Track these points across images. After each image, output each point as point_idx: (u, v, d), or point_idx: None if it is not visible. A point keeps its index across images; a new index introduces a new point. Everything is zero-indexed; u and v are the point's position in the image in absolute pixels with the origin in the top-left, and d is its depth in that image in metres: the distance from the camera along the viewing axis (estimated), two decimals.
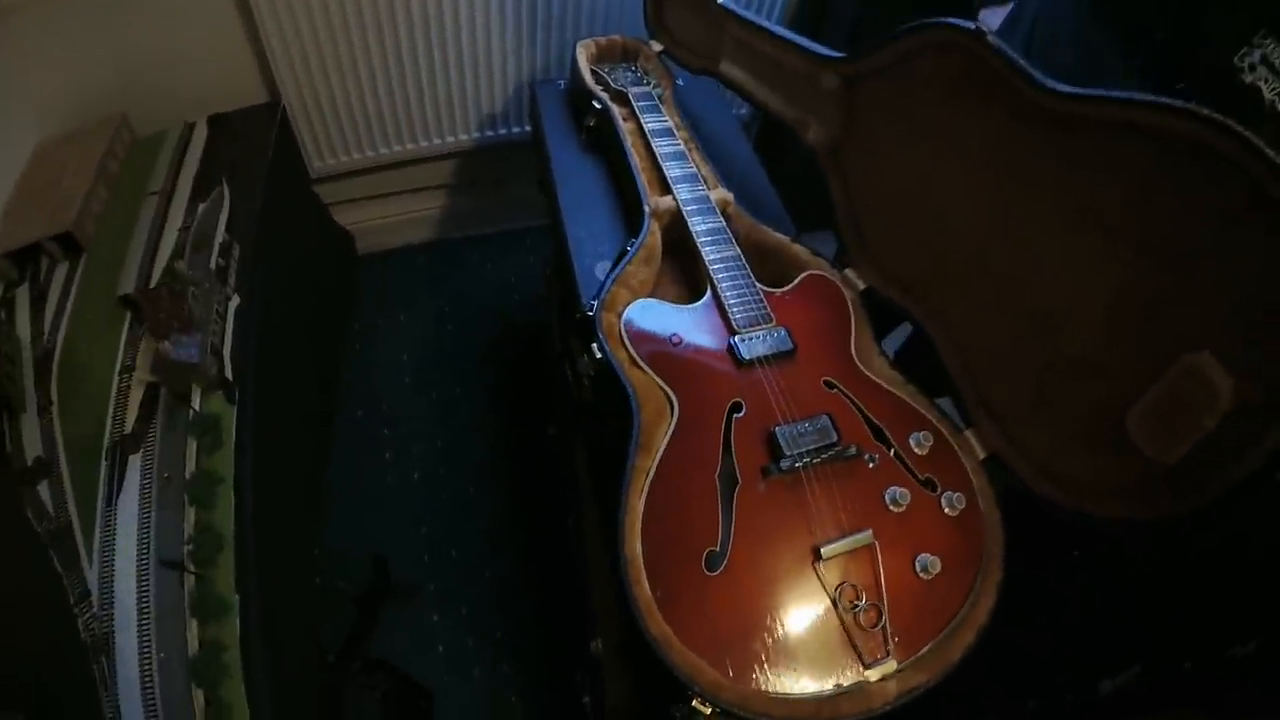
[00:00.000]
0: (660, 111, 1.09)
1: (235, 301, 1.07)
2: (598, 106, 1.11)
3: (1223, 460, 0.62)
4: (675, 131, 1.06)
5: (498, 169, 1.74)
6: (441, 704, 1.29)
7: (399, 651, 1.32)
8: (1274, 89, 0.71)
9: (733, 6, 1.06)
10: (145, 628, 0.82)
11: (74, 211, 1.15)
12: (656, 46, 1.24)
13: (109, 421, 0.97)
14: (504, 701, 1.31)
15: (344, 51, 1.38)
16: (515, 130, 1.61)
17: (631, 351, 0.82)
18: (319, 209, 1.61)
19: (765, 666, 0.67)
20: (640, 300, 0.86)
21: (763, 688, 0.67)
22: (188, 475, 0.90)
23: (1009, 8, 1.04)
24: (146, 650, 0.81)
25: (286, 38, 1.33)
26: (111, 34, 1.27)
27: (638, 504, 0.73)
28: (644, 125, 1.06)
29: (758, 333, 0.84)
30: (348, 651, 1.29)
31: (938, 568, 0.73)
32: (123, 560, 0.86)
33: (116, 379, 1.00)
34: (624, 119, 1.09)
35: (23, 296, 1.12)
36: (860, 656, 0.69)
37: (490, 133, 1.61)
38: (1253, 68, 0.72)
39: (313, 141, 1.51)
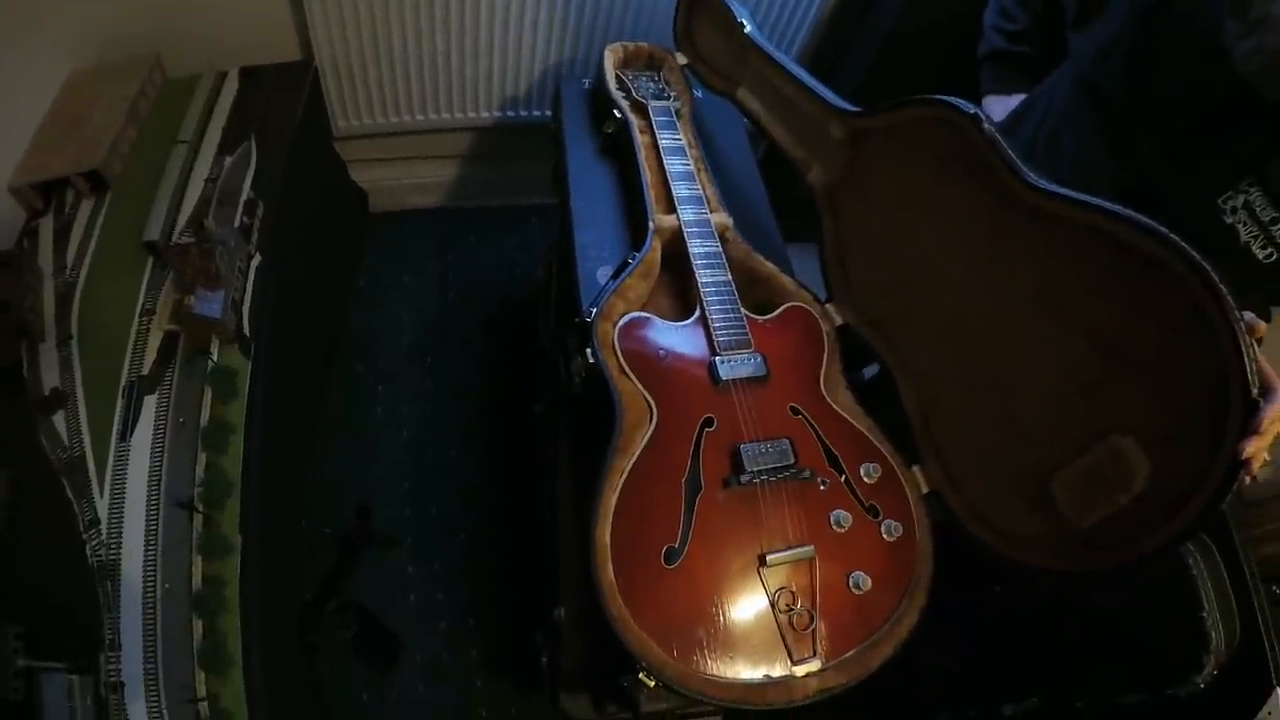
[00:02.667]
0: (676, 129, 1.15)
1: (257, 259, 1.13)
2: (618, 116, 1.17)
3: (1129, 535, 0.71)
4: (687, 150, 1.12)
5: (513, 147, 1.79)
6: (408, 649, 1.39)
7: (372, 597, 1.41)
8: (1250, 232, 0.77)
9: (759, 39, 1.11)
10: (151, 559, 0.90)
11: (103, 150, 1.18)
12: (682, 59, 1.29)
13: (127, 361, 1.02)
14: (466, 653, 1.41)
15: (380, 18, 1.42)
16: (535, 113, 1.66)
17: (621, 360, 0.89)
18: (338, 166, 1.65)
19: (706, 651, 0.77)
20: (634, 313, 0.93)
21: (701, 670, 0.76)
22: (202, 422, 0.97)
23: (1013, 99, 1.09)
24: (151, 579, 0.89)
25: None
26: None
27: (611, 498, 0.82)
28: (659, 141, 1.12)
29: (737, 356, 0.92)
30: (325, 591, 1.37)
31: (869, 585, 0.83)
32: (134, 494, 0.93)
33: (136, 321, 1.05)
34: (640, 131, 1.15)
35: (46, 228, 1.15)
36: (790, 653, 0.79)
37: (511, 113, 1.66)
38: (1234, 210, 0.78)
39: (340, 102, 1.55)
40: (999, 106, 1.10)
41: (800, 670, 0.78)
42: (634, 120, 1.16)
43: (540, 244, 1.92)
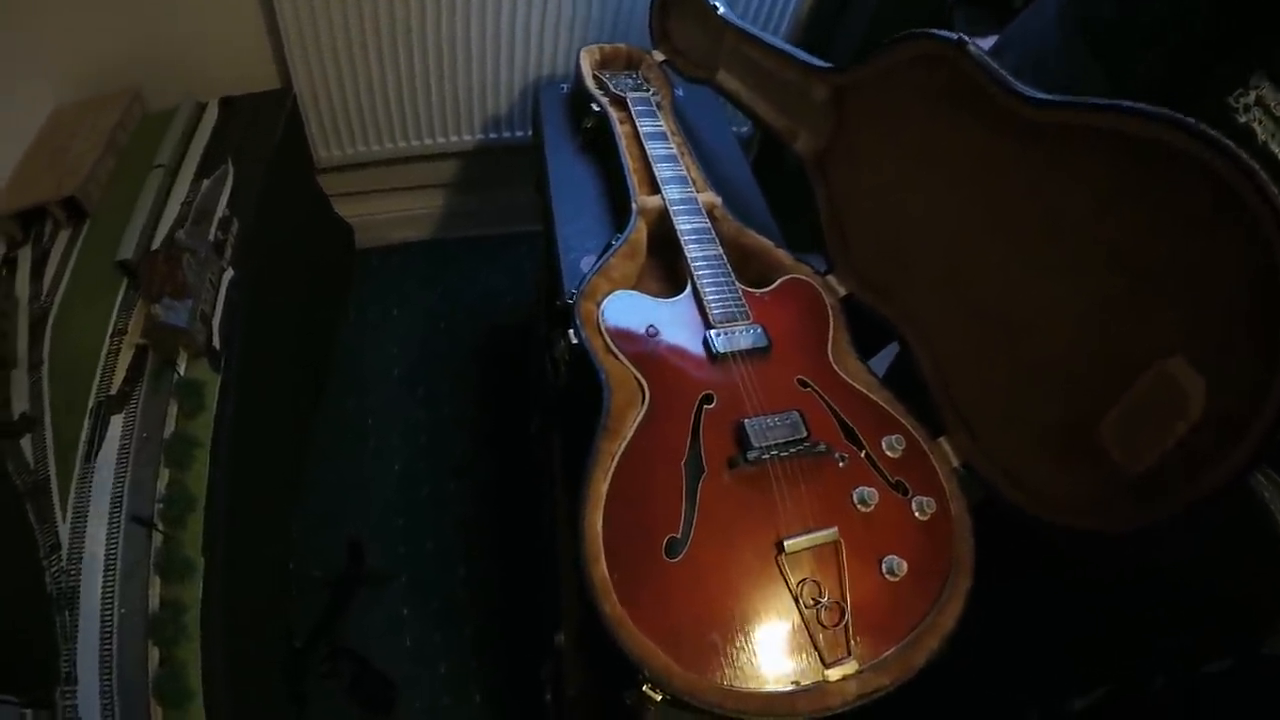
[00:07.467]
0: (656, 116, 1.11)
1: (230, 274, 1.09)
2: (595, 109, 1.14)
3: (1189, 473, 0.61)
4: (669, 136, 1.08)
5: (498, 172, 1.78)
6: (406, 695, 1.28)
7: (368, 640, 1.32)
8: (1268, 130, 0.71)
9: (733, 19, 1.09)
10: (110, 583, 0.83)
11: (80, 177, 1.17)
12: (659, 56, 1.27)
13: (96, 382, 0.98)
14: (468, 697, 1.30)
15: (357, 45, 1.42)
16: (518, 134, 1.65)
17: (607, 339, 0.82)
18: (321, 199, 1.64)
19: (720, 657, 0.66)
20: (619, 291, 0.87)
21: (715, 679, 0.65)
22: (166, 436, 0.91)
23: (985, 41, 1.05)
24: (109, 605, 0.82)
25: (303, 27, 1.37)
26: (133, 8, 1.31)
27: (601, 485, 0.73)
28: (639, 128, 1.08)
29: (734, 328, 0.85)
30: (316, 637, 1.28)
31: (904, 570, 0.72)
32: (96, 515, 0.87)
33: (108, 341, 1.02)
34: (620, 122, 1.12)
35: (24, 257, 1.14)
36: (821, 654, 0.68)
37: (494, 135, 1.65)
38: (1247, 109, 0.71)
39: (320, 131, 1.54)
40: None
41: (834, 673, 0.67)
42: (613, 113, 1.13)
43: (529, 272, 1.89)
